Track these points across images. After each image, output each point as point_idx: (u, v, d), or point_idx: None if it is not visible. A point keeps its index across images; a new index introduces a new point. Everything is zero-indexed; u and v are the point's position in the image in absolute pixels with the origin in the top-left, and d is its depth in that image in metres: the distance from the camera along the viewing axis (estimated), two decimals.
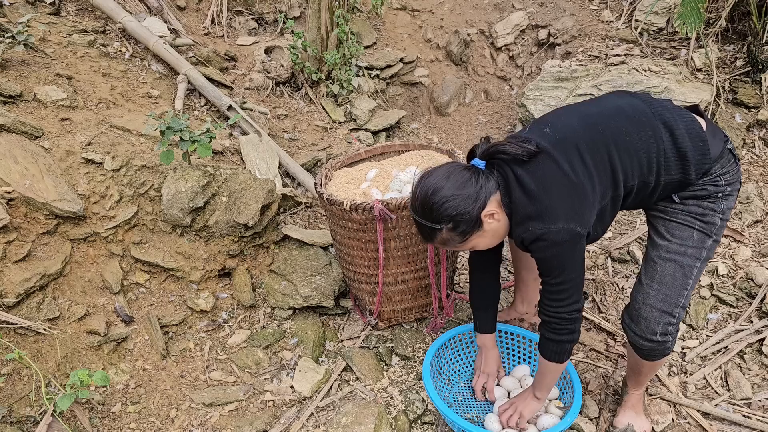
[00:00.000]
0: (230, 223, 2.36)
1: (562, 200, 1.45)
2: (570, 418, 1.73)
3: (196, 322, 2.33)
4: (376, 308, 2.21)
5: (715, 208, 1.56)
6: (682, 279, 1.59)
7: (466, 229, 1.51)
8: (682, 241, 1.58)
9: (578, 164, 1.46)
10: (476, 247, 1.61)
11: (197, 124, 2.90)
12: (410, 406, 1.99)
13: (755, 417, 1.98)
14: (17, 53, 2.69)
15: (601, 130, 1.49)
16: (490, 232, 1.56)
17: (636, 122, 1.49)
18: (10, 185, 2.08)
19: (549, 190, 1.46)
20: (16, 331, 1.93)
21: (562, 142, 1.48)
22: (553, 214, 1.45)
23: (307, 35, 3.45)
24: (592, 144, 1.47)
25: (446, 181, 1.49)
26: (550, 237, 1.45)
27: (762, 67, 3.27)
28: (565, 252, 1.48)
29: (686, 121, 1.52)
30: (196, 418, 1.99)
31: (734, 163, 1.56)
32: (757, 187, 2.96)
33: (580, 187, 1.46)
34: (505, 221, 1.56)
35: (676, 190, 1.56)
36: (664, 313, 1.62)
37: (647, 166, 1.49)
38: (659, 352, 1.69)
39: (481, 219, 1.51)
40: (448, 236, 1.53)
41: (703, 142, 1.50)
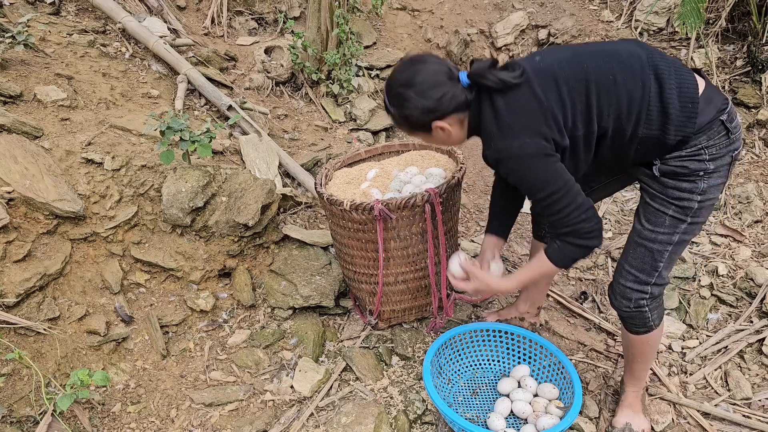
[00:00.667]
0: (230, 223, 2.36)
1: (526, 118, 1.47)
2: (570, 418, 1.73)
3: (196, 322, 2.33)
4: (376, 308, 2.21)
5: (693, 189, 1.53)
6: (651, 263, 1.64)
7: (413, 127, 1.61)
8: (654, 227, 1.60)
9: (552, 94, 1.47)
10: (422, 141, 1.72)
11: (197, 124, 2.90)
12: (410, 406, 1.99)
13: (755, 417, 1.98)
14: (17, 53, 2.69)
15: (585, 68, 1.48)
16: (437, 139, 1.64)
17: (626, 67, 1.48)
18: (10, 185, 2.08)
19: (515, 110, 1.48)
20: (16, 331, 1.93)
21: (543, 71, 1.50)
22: (514, 130, 1.47)
23: (307, 35, 3.45)
24: (572, 79, 1.47)
25: (421, 84, 1.53)
26: (513, 152, 1.47)
27: (762, 67, 3.27)
28: (537, 165, 1.48)
29: (682, 78, 1.48)
30: (196, 418, 1.99)
31: (724, 137, 1.50)
32: (757, 187, 2.96)
33: (548, 110, 1.47)
34: (458, 136, 1.62)
35: (655, 153, 1.53)
36: (635, 291, 1.68)
37: (626, 112, 1.47)
38: (639, 321, 1.73)
39: (431, 126, 1.57)
40: (399, 121, 1.63)
41: (692, 104, 1.46)
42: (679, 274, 2.59)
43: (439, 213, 1.96)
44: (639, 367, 1.88)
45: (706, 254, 2.71)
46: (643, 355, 1.83)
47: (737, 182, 3.04)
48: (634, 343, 1.82)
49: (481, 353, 2.13)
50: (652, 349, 1.82)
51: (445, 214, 2.03)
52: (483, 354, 2.13)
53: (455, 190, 2.09)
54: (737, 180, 3.05)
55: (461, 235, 2.96)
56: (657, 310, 1.73)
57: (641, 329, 1.75)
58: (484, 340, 2.12)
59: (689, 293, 2.53)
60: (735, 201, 2.95)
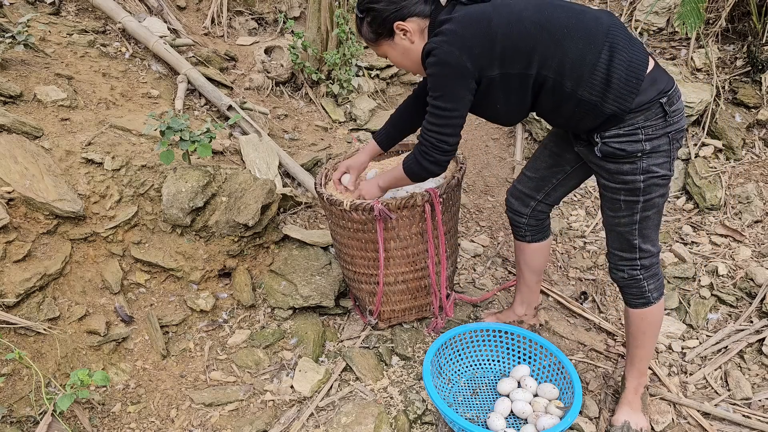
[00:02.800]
0: (230, 223, 2.36)
1: (468, 34, 1.53)
2: (570, 418, 1.73)
3: (196, 322, 2.33)
4: (376, 308, 2.21)
5: (635, 170, 1.59)
6: (627, 242, 1.74)
7: (378, 30, 1.69)
8: (615, 213, 1.71)
9: (504, 24, 1.53)
10: (389, 58, 1.77)
11: (197, 124, 2.90)
12: (410, 406, 1.99)
13: (755, 417, 1.98)
14: (17, 53, 2.69)
15: (545, 15, 1.54)
16: (400, 48, 1.71)
17: (583, 27, 1.53)
18: (10, 185, 2.08)
19: (464, 23, 1.54)
20: (16, 331, 1.93)
21: (507, 5, 1.56)
22: (453, 39, 1.53)
23: (307, 35, 3.45)
24: (528, 20, 1.53)
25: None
26: (439, 54, 1.54)
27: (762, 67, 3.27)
28: (449, 78, 1.56)
29: (633, 54, 1.53)
30: (196, 418, 1.99)
31: (661, 119, 1.55)
32: (757, 187, 2.96)
33: (492, 35, 1.53)
34: (419, 48, 1.68)
35: (591, 121, 1.58)
36: (625, 266, 1.78)
37: (570, 68, 1.52)
38: (637, 291, 1.80)
39: (394, 29, 1.67)
40: (365, 30, 1.72)
41: (636, 80, 1.51)
42: (679, 274, 2.59)
43: (439, 213, 1.96)
44: (639, 354, 1.89)
45: (706, 254, 2.71)
46: (644, 335, 1.85)
47: (737, 182, 3.04)
48: (633, 320, 1.85)
49: (481, 353, 2.13)
50: (651, 329, 1.84)
51: (445, 214, 2.03)
52: (483, 354, 2.13)
53: (455, 190, 2.10)
54: (737, 180, 3.05)
55: (461, 235, 2.96)
56: (653, 281, 1.78)
57: (639, 300, 1.81)
58: (484, 340, 2.12)
59: (689, 293, 2.53)
60: (735, 201, 2.95)
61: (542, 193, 1.99)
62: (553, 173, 1.95)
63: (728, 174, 3.07)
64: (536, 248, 2.11)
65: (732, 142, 3.16)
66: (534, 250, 2.11)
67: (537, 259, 2.14)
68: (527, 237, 2.09)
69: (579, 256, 2.81)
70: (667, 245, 2.79)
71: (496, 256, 2.83)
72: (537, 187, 1.99)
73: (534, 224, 2.05)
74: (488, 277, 2.68)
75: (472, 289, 2.59)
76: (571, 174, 1.94)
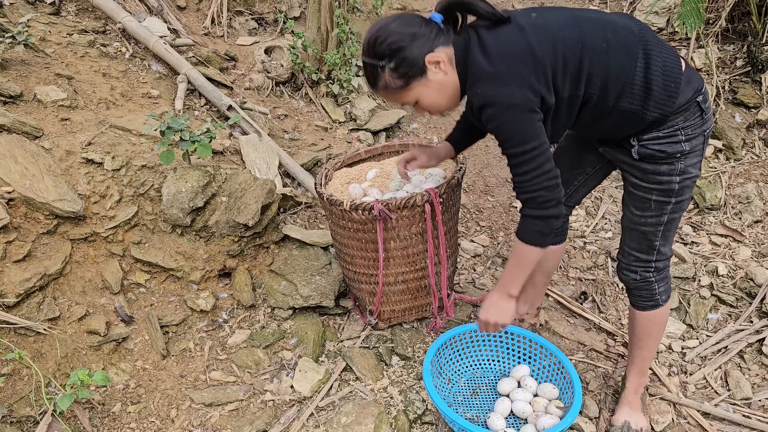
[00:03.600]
0: (230, 223, 2.36)
1: (519, 67, 1.41)
2: (570, 418, 1.73)
3: (196, 322, 2.33)
4: (376, 308, 2.21)
5: (672, 171, 1.56)
6: (648, 243, 1.70)
7: (408, 72, 1.48)
8: (642, 212, 1.65)
9: (548, 48, 1.43)
10: (421, 101, 1.55)
11: (197, 124, 2.90)
12: (410, 406, 1.99)
13: (755, 417, 1.98)
14: (17, 53, 2.69)
15: (582, 31, 1.46)
16: (435, 85, 1.52)
17: (619, 38, 1.47)
18: (10, 185, 2.08)
19: (509, 56, 1.42)
20: (16, 331, 1.93)
21: (541, 27, 1.45)
22: (506, 78, 1.41)
23: (307, 35, 3.45)
24: (569, 39, 1.44)
25: (396, 21, 1.48)
26: (500, 100, 1.41)
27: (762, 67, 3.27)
28: (520, 118, 1.43)
29: (667, 57, 1.49)
30: (196, 418, 1.99)
31: (699, 117, 1.53)
32: (757, 187, 2.96)
33: (541, 63, 1.42)
34: (453, 79, 1.52)
35: (631, 128, 1.53)
36: (639, 267, 1.75)
37: (612, 82, 1.47)
38: (647, 293, 1.77)
39: (425, 64, 1.47)
40: (390, 78, 1.49)
41: (674, 84, 1.48)
42: (679, 274, 2.59)
43: (439, 213, 1.96)
44: (642, 355, 1.88)
45: (706, 254, 2.71)
46: (649, 337, 1.84)
47: (737, 182, 3.04)
48: (640, 321, 1.83)
49: (481, 353, 2.13)
50: (656, 330, 1.83)
51: (445, 214, 2.03)
52: (483, 354, 2.13)
53: (455, 190, 2.09)
54: (737, 180, 3.05)
55: (461, 235, 2.96)
56: (663, 283, 1.77)
57: (648, 303, 1.79)
58: (484, 340, 2.12)
59: (689, 293, 2.54)
60: (735, 201, 2.95)
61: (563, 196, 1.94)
62: (575, 175, 1.92)
63: (728, 174, 3.07)
64: (552, 250, 2.08)
65: (732, 142, 3.16)
66: (549, 252, 2.07)
67: (551, 261, 2.13)
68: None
69: (579, 256, 2.81)
70: None
71: (496, 256, 2.83)
72: None
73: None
74: (488, 277, 2.68)
75: (472, 289, 2.59)
76: (592, 175, 1.91)
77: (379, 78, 1.52)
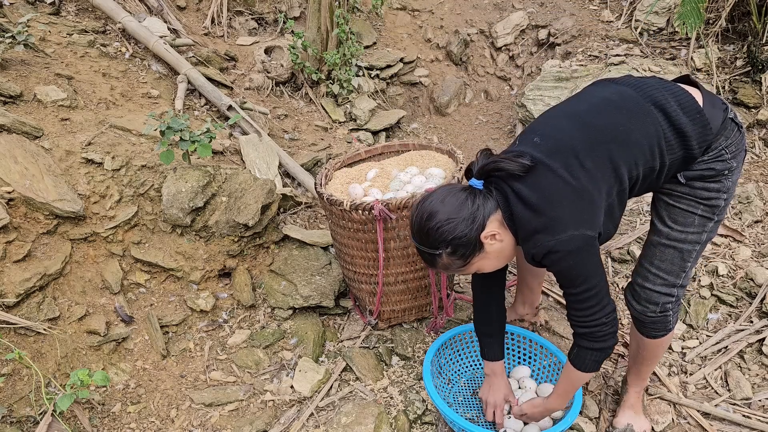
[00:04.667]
0: (230, 223, 2.36)
1: (567, 208, 1.40)
2: (570, 418, 1.73)
3: (196, 322, 2.33)
4: (376, 308, 2.21)
5: (721, 188, 1.51)
6: (681, 263, 1.61)
7: (465, 252, 1.47)
8: (684, 227, 1.57)
9: (577, 168, 1.40)
10: (481, 269, 1.56)
11: (197, 124, 2.90)
12: (410, 406, 1.99)
13: (755, 417, 1.98)
14: (17, 53, 2.69)
15: (594, 128, 1.43)
16: (494, 254, 1.52)
17: (628, 111, 1.44)
18: (10, 185, 2.08)
19: (551, 200, 1.41)
20: (16, 331, 1.93)
21: (556, 150, 1.43)
22: (560, 224, 1.40)
23: (307, 35, 3.45)
24: (588, 145, 1.42)
25: (442, 205, 1.46)
26: (562, 247, 1.40)
27: (762, 67, 3.27)
28: (582, 259, 1.42)
29: (677, 96, 1.46)
30: (196, 418, 1.99)
31: (738, 132, 1.50)
32: (757, 187, 2.96)
33: (583, 191, 1.40)
34: (509, 240, 1.52)
35: (681, 169, 1.50)
36: (662, 294, 1.65)
37: (650, 153, 1.43)
38: (661, 326, 1.71)
39: (482, 241, 1.47)
40: (449, 261, 1.49)
41: (700, 114, 1.44)
42: None
43: None
44: (646, 369, 1.88)
45: (706, 254, 2.71)
46: (655, 357, 1.83)
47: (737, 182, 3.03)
48: (647, 346, 1.78)
49: None
50: (662, 350, 1.81)
51: None
52: None
53: None
54: None
55: None
56: (677, 312, 1.72)
57: (660, 333, 1.73)
58: None
59: (689, 293, 2.53)
60: (735, 201, 2.95)
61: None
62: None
63: None
64: None
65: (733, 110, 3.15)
66: None
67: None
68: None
69: None
70: None
71: None
72: None
73: None
74: None
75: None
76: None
77: (437, 262, 1.51)
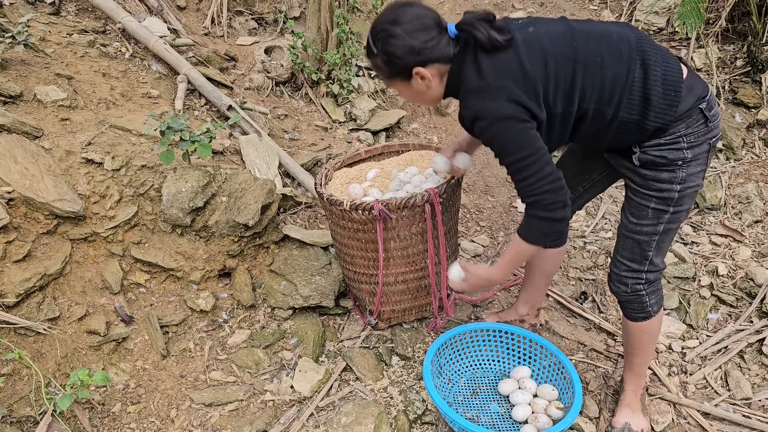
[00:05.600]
0: (230, 223, 2.36)
1: (511, 84, 1.45)
2: (570, 418, 1.73)
3: (196, 322, 2.33)
4: (376, 308, 2.21)
5: (673, 179, 1.55)
6: (641, 252, 1.68)
7: (394, 71, 1.55)
8: (639, 220, 1.64)
9: (539, 66, 1.46)
10: (401, 94, 1.67)
11: (197, 124, 2.90)
12: (410, 406, 1.99)
13: (755, 417, 1.98)
14: (17, 53, 2.69)
15: (575, 47, 1.47)
16: (415, 91, 1.60)
17: (615, 50, 1.47)
18: (10, 185, 2.08)
19: (500, 72, 1.46)
20: (16, 331, 1.93)
21: (534, 42, 1.48)
22: (495, 93, 1.45)
23: (307, 35, 3.45)
24: (560, 56, 1.46)
25: (409, 23, 1.50)
26: (489, 113, 1.45)
27: (762, 67, 3.27)
28: (510, 129, 1.46)
29: (668, 66, 1.48)
30: (196, 418, 1.99)
31: (703, 125, 1.51)
32: (757, 187, 2.96)
33: (531, 80, 1.45)
34: (436, 92, 1.59)
35: (633, 138, 1.54)
36: (629, 278, 1.73)
37: (608, 95, 1.47)
38: (638, 306, 1.76)
39: (412, 72, 1.53)
40: (380, 64, 1.57)
41: (675, 93, 1.47)
42: (679, 274, 2.59)
43: (438, 213, 1.96)
44: (638, 361, 1.88)
45: (706, 254, 2.71)
46: (642, 346, 1.84)
47: (737, 182, 3.04)
48: (633, 332, 1.83)
49: (481, 353, 2.13)
50: (650, 340, 1.83)
51: (445, 214, 2.03)
52: (483, 354, 2.13)
53: (455, 190, 2.10)
54: (737, 180, 3.05)
55: (461, 235, 2.96)
56: (654, 295, 1.76)
57: (639, 314, 1.78)
58: (484, 340, 2.12)
59: (689, 293, 2.54)
60: (735, 201, 2.95)
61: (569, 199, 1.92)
62: (579, 181, 1.91)
63: (728, 174, 3.07)
64: (553, 253, 2.06)
65: (732, 142, 3.16)
66: (550, 255, 2.06)
67: (550, 263, 2.11)
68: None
69: (579, 256, 2.81)
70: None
71: (496, 256, 2.83)
72: None
73: None
74: None
75: None
76: (598, 181, 1.91)
77: (372, 59, 1.60)
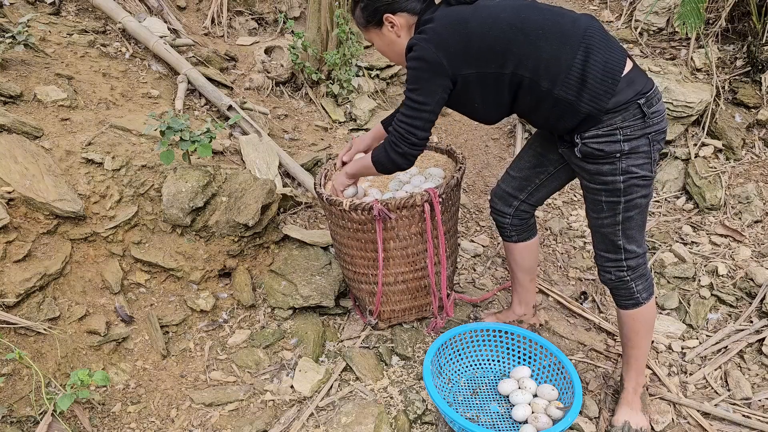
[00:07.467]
0: (230, 223, 2.36)
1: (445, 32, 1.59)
2: (570, 418, 1.73)
3: (196, 322, 2.33)
4: (376, 308, 2.21)
5: (614, 170, 1.61)
6: (611, 242, 1.75)
7: (369, 18, 1.74)
8: (597, 214, 1.73)
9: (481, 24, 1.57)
10: (375, 45, 1.83)
11: (197, 124, 2.90)
12: (410, 405, 1.99)
13: (755, 417, 1.98)
14: (17, 53, 2.69)
15: (522, 17, 1.57)
16: (386, 41, 1.77)
17: (559, 29, 1.56)
18: (10, 185, 2.08)
19: (444, 22, 1.60)
20: (16, 331, 1.93)
21: (492, 8, 1.61)
22: (431, 35, 1.59)
23: (307, 35, 3.45)
24: (504, 23, 1.57)
25: None
26: (418, 50, 1.59)
27: (762, 67, 3.27)
28: (426, 72, 1.60)
29: (610, 56, 1.55)
30: (196, 418, 1.99)
31: (640, 120, 1.57)
32: (757, 187, 2.96)
33: (467, 35, 1.57)
34: (402, 44, 1.73)
35: (569, 119, 1.60)
36: (611, 267, 1.79)
37: (544, 68, 1.55)
38: (625, 293, 1.81)
39: (383, 19, 1.72)
40: (359, 14, 1.77)
41: (612, 81, 1.53)
42: (679, 274, 2.59)
43: (438, 213, 1.96)
44: (635, 354, 1.90)
45: (706, 254, 2.71)
46: (637, 335, 1.86)
47: (737, 182, 3.04)
48: (626, 321, 1.86)
49: (481, 353, 2.13)
50: (644, 329, 1.85)
51: (444, 214, 2.03)
52: (483, 354, 2.13)
53: (455, 190, 2.10)
54: (737, 180, 3.05)
55: (461, 235, 2.96)
56: (641, 281, 1.79)
57: (629, 301, 1.82)
58: (484, 340, 2.12)
59: (689, 293, 2.54)
60: (735, 201, 2.95)
61: (525, 193, 2.01)
62: (537, 173, 1.97)
63: (728, 174, 3.07)
64: (523, 248, 2.12)
65: (732, 142, 3.16)
66: (522, 250, 2.13)
67: (526, 258, 2.15)
68: (513, 237, 2.11)
69: (579, 256, 2.81)
70: (667, 245, 2.79)
71: (496, 256, 2.83)
72: (520, 187, 2.01)
73: (518, 224, 2.07)
74: (488, 277, 2.68)
75: (472, 289, 2.59)
76: (554, 175, 1.96)
77: (354, 9, 1.78)
